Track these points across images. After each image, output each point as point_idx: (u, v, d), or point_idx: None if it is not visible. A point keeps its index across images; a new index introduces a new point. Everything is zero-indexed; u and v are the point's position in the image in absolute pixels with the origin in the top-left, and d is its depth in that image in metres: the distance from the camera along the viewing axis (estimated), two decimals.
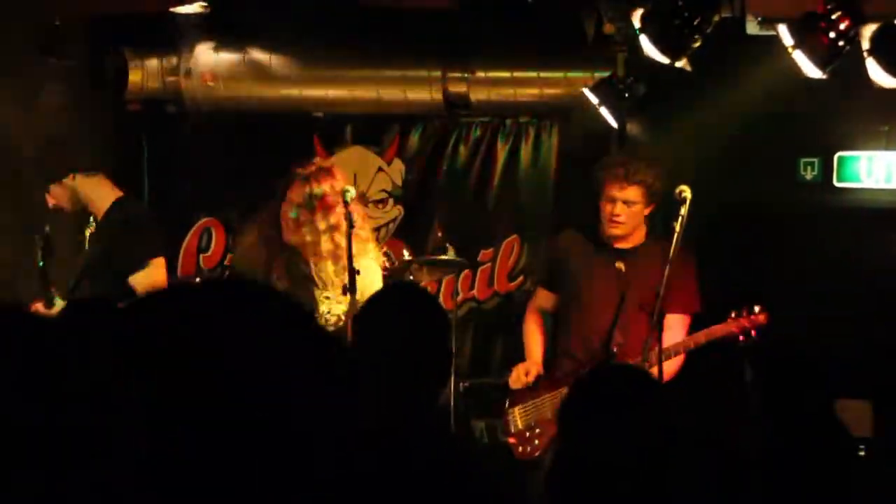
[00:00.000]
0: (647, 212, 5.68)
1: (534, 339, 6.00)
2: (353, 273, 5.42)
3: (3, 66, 6.90)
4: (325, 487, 1.38)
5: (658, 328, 5.31)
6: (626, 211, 5.60)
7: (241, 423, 1.36)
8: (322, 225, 5.49)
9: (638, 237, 5.73)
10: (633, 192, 5.56)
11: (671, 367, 5.49)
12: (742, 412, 4.90)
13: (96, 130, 7.61)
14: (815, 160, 7.14)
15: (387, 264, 5.88)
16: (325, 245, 5.53)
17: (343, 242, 5.51)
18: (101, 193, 5.92)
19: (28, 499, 1.35)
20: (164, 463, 1.35)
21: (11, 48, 6.82)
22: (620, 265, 5.59)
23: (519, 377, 5.84)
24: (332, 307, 5.60)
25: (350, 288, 5.44)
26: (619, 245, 5.70)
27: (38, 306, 5.68)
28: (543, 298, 6.05)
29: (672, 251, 5.33)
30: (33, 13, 6.53)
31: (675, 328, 5.59)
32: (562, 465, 2.83)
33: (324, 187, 5.53)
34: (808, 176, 7.16)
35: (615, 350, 5.58)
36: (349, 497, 1.41)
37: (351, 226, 5.51)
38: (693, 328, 5.65)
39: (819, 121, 6.99)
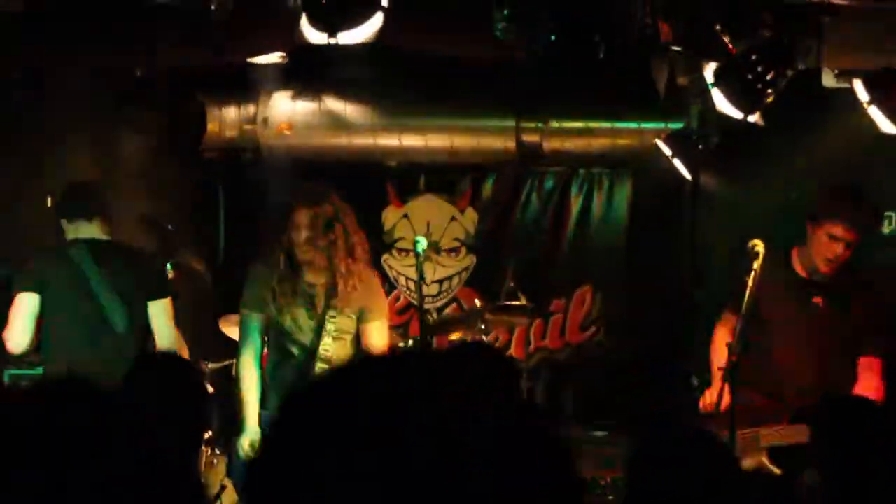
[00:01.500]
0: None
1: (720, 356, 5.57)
2: (424, 324, 5.45)
3: (85, 116, 7.05)
4: None
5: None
6: (844, 253, 5.36)
7: None
8: (321, 242, 5.49)
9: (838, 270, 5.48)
10: (856, 234, 5.35)
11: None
12: None
13: (174, 178, 7.75)
14: (893, 214, 7.04)
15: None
16: (319, 262, 5.52)
17: (338, 260, 5.48)
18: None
19: None
20: None
21: (92, 99, 6.97)
22: (818, 300, 5.42)
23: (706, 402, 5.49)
24: (339, 324, 5.59)
25: (422, 339, 5.47)
26: (817, 277, 5.41)
27: None
28: (732, 323, 5.58)
29: (745, 305, 5.25)
30: (115, 64, 6.67)
31: (871, 372, 5.40)
32: None
33: (325, 207, 5.54)
34: (887, 230, 7.06)
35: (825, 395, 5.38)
36: None
37: (422, 278, 5.54)
38: None
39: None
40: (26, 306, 5.57)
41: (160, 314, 5.74)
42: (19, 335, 5.56)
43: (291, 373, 5.61)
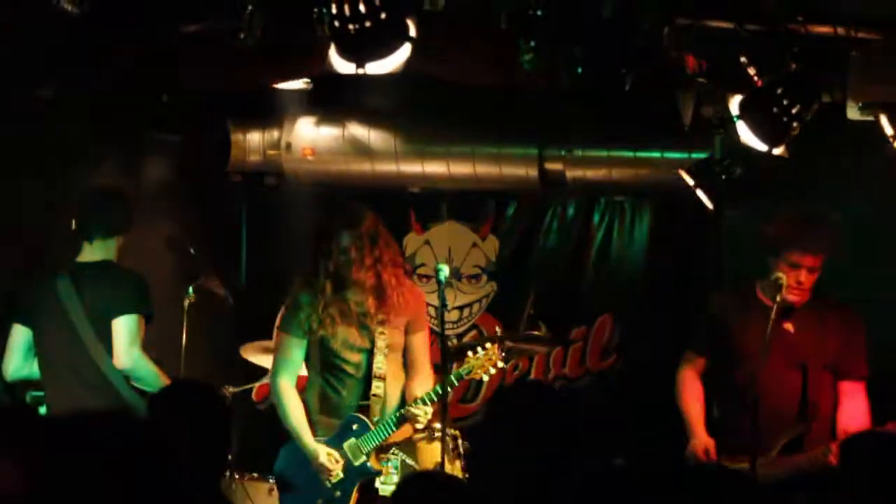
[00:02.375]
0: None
1: (697, 410, 5.69)
2: (445, 351, 5.47)
3: (110, 138, 7.09)
4: None
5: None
6: (810, 278, 5.40)
7: None
8: (368, 261, 5.57)
9: (806, 297, 5.50)
10: (820, 260, 5.39)
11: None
12: None
13: (197, 202, 7.79)
14: None
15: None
16: (369, 280, 5.58)
17: (386, 276, 5.60)
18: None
19: None
20: None
21: (119, 123, 7.01)
22: (789, 326, 5.44)
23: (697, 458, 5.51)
24: (390, 339, 5.64)
25: (443, 366, 5.48)
26: (785, 305, 5.40)
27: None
28: (698, 363, 5.77)
29: (768, 333, 5.24)
30: (141, 89, 6.71)
31: (857, 395, 5.43)
32: None
33: (366, 225, 5.60)
34: None
35: (812, 427, 5.37)
36: None
37: (444, 305, 5.56)
38: None
39: None
40: (16, 337, 5.84)
41: (118, 333, 5.74)
42: (7, 363, 5.85)
43: (345, 394, 5.66)
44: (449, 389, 5.68)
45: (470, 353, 5.74)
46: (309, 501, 5.69)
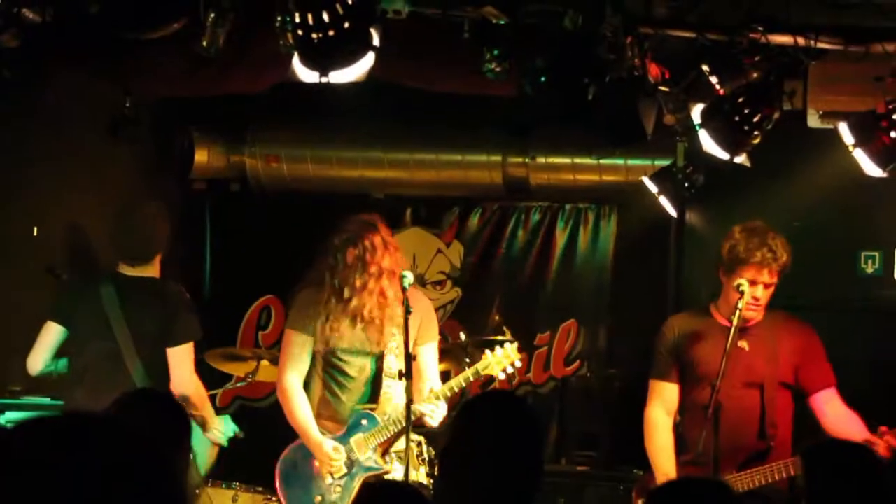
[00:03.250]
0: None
1: (665, 454, 5.50)
2: (409, 358, 5.46)
3: (73, 148, 7.05)
4: None
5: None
6: (766, 295, 5.40)
7: None
8: (373, 269, 5.62)
9: (760, 314, 5.50)
10: (774, 276, 5.38)
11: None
12: None
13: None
14: (876, 254, 7.10)
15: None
16: (377, 288, 5.64)
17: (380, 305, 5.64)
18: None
19: None
20: None
21: (81, 130, 6.98)
22: (744, 344, 5.42)
23: None
24: (400, 340, 5.68)
25: (406, 374, 5.47)
26: (744, 325, 5.37)
27: None
28: (665, 392, 5.59)
29: (729, 343, 5.26)
30: (103, 95, 6.68)
31: (835, 401, 5.42)
32: None
33: (371, 238, 5.65)
34: (869, 269, 7.11)
35: (772, 444, 5.37)
36: None
37: (408, 311, 5.56)
38: None
39: (880, 214, 6.96)
40: (49, 334, 5.79)
41: (182, 360, 5.75)
42: (34, 359, 5.81)
43: (345, 398, 5.75)
44: (464, 384, 5.68)
45: (488, 351, 5.78)
46: (307, 498, 5.73)
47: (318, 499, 5.73)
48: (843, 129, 5.17)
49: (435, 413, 5.61)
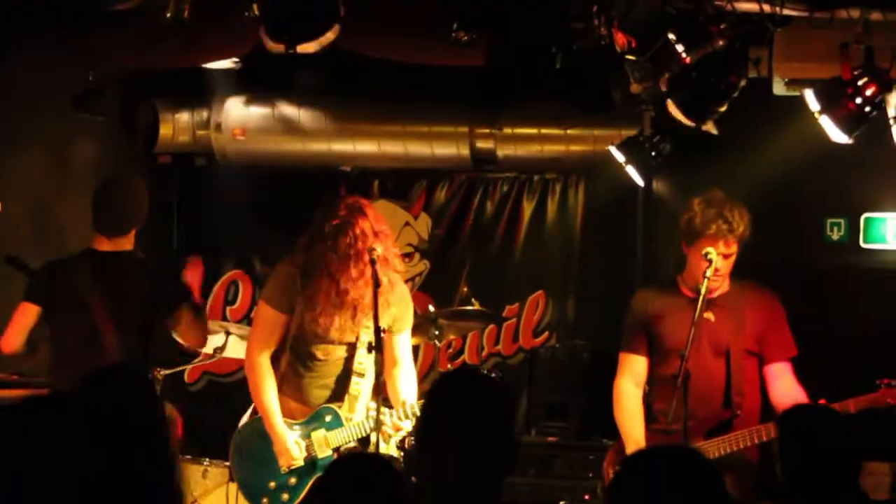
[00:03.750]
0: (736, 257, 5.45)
1: (635, 423, 5.54)
2: (378, 331, 5.43)
3: (37, 122, 6.99)
4: None
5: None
6: (726, 265, 5.40)
7: None
8: (364, 257, 5.50)
9: (726, 284, 5.52)
10: (733, 246, 5.38)
11: None
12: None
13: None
14: (842, 220, 7.15)
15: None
16: (360, 276, 5.52)
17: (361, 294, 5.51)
18: None
19: None
20: None
21: (45, 104, 6.91)
22: (710, 315, 5.42)
23: None
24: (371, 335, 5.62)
25: (376, 346, 5.45)
26: (709, 295, 5.37)
27: None
28: (635, 364, 5.60)
29: (697, 312, 5.29)
30: (67, 69, 6.62)
31: (786, 376, 5.44)
32: None
33: (360, 224, 5.52)
34: (835, 236, 7.16)
35: (738, 413, 5.37)
36: None
37: (377, 284, 5.52)
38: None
39: (846, 181, 7.00)
40: (25, 315, 5.75)
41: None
42: (10, 340, 5.77)
43: (307, 379, 5.62)
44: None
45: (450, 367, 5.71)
46: (261, 482, 5.59)
47: (272, 484, 5.58)
48: (809, 96, 5.17)
49: (394, 429, 5.50)
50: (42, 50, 6.42)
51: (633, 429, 5.51)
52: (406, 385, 5.69)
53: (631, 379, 5.59)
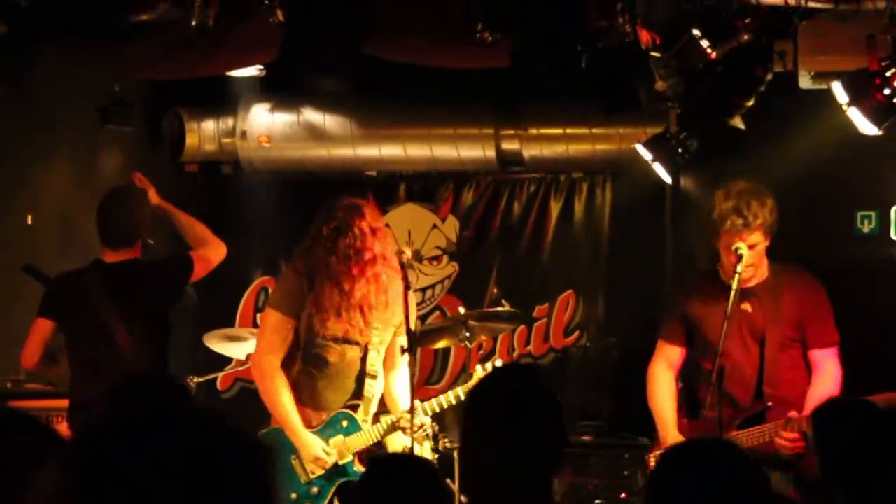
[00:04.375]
0: (768, 244, 5.43)
1: (667, 406, 5.58)
2: (411, 334, 5.41)
3: (63, 133, 7.03)
4: None
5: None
6: (752, 255, 5.34)
7: None
8: (368, 255, 5.48)
9: (762, 272, 5.49)
10: (755, 237, 5.35)
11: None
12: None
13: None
14: (873, 213, 7.09)
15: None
16: (363, 276, 5.49)
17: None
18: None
19: None
20: None
21: (72, 116, 6.95)
22: (747, 306, 5.41)
23: None
24: (382, 336, 5.59)
25: (410, 349, 5.44)
26: (744, 286, 5.36)
27: None
28: (670, 352, 5.65)
29: (730, 307, 5.27)
30: (93, 81, 6.65)
31: (825, 364, 5.40)
32: None
33: (357, 225, 5.50)
34: (866, 229, 7.11)
35: (770, 404, 5.35)
36: None
37: (408, 287, 5.53)
38: None
39: (876, 174, 6.96)
40: (41, 330, 5.79)
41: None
42: (29, 354, 5.82)
43: (321, 384, 5.58)
44: (452, 402, 5.60)
45: (479, 367, 5.69)
46: (282, 494, 5.48)
47: (294, 495, 5.50)
48: (837, 88, 5.14)
49: (418, 430, 5.41)
50: (67, 62, 6.45)
51: (664, 411, 5.55)
52: (402, 387, 5.65)
53: (664, 363, 5.64)
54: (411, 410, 5.37)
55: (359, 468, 5.54)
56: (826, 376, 5.40)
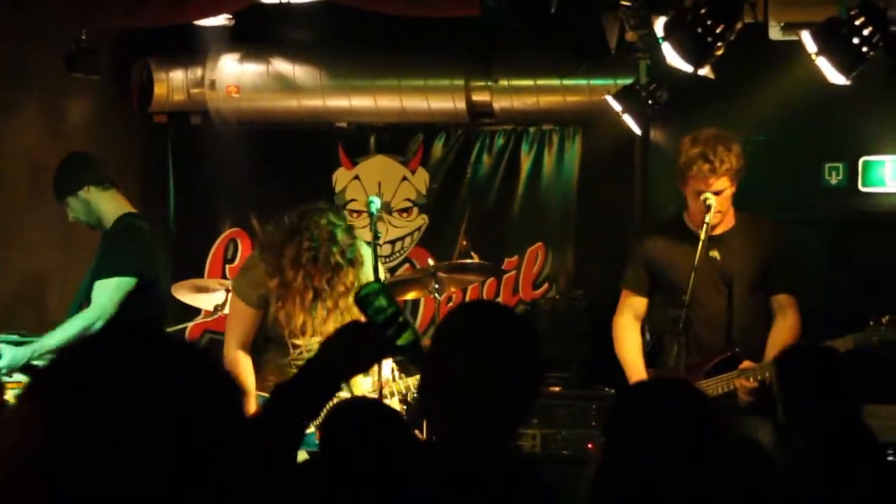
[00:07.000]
0: (734, 190, 5.42)
1: (635, 353, 5.58)
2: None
3: (30, 82, 6.96)
4: None
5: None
6: (720, 201, 5.35)
7: None
8: (323, 262, 5.36)
9: (729, 220, 5.50)
10: (722, 182, 5.35)
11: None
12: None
13: (122, 142, 7.68)
14: (840, 165, 7.13)
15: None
16: (325, 276, 5.43)
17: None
18: (111, 207, 5.78)
19: None
20: None
21: (38, 63, 6.88)
22: (715, 253, 5.42)
23: None
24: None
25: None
26: (712, 233, 5.37)
27: None
28: (635, 301, 5.65)
29: (697, 256, 5.29)
30: (59, 29, 6.58)
31: (785, 310, 5.43)
32: (608, 472, 2.74)
33: (316, 229, 5.30)
34: (834, 181, 7.15)
35: (738, 349, 5.38)
36: None
37: (377, 237, 5.50)
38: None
39: (844, 125, 6.98)
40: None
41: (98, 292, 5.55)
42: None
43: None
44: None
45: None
46: None
47: None
48: (806, 38, 5.14)
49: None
50: (33, 9, 6.38)
51: (632, 360, 5.55)
52: None
53: (630, 313, 5.64)
54: (379, 368, 5.34)
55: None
56: (787, 322, 5.44)
